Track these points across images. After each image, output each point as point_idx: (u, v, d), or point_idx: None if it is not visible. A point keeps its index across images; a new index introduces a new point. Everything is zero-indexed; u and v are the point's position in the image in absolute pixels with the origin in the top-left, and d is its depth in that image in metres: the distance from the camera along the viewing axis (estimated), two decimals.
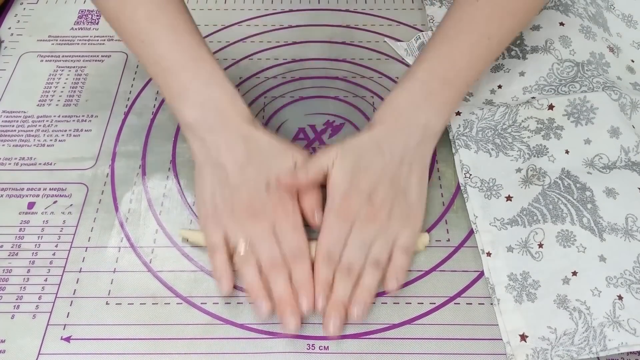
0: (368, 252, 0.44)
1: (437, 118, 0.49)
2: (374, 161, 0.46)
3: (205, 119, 0.47)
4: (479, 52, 0.49)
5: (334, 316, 0.42)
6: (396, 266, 0.44)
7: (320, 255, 0.44)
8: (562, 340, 0.41)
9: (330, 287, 0.43)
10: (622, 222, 0.45)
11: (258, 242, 0.44)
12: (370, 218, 0.44)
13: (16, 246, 0.48)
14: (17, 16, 0.65)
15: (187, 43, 0.48)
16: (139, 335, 0.43)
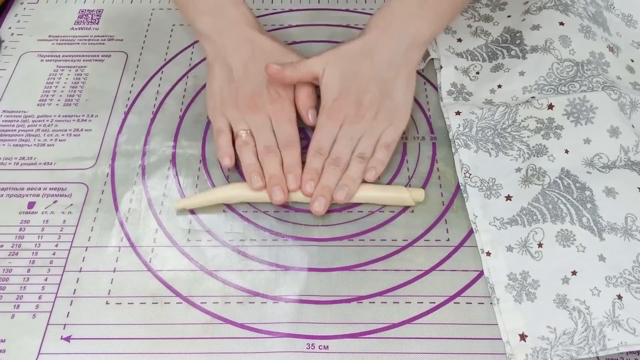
0: (355, 148, 0.50)
1: (427, 27, 0.52)
2: (363, 66, 0.51)
3: (215, 24, 0.54)
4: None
5: (320, 197, 0.48)
6: (376, 159, 0.50)
7: (311, 149, 0.50)
8: (562, 339, 0.41)
9: (318, 175, 0.49)
10: (621, 221, 0.45)
11: (256, 131, 0.51)
12: (357, 117, 0.50)
13: (16, 246, 0.48)
14: (17, 16, 0.65)
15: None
16: (139, 334, 0.43)
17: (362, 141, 0.50)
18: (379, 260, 0.47)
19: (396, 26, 0.51)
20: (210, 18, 0.54)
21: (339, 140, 0.50)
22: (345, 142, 0.49)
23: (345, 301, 0.45)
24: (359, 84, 0.50)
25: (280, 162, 0.49)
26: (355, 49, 0.51)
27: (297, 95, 0.53)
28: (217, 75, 0.53)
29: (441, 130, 0.55)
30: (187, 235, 0.49)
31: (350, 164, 0.49)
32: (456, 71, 0.58)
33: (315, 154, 0.49)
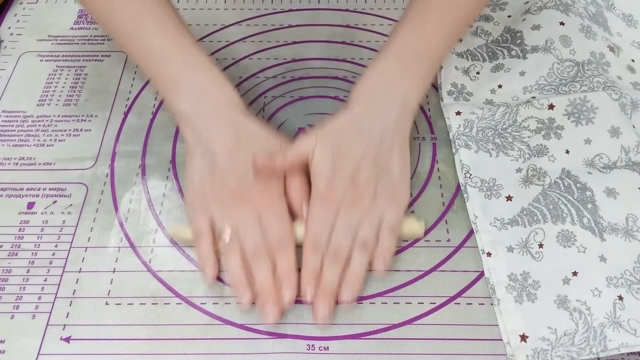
0: (355, 236, 0.45)
1: (413, 91, 0.49)
2: (354, 143, 0.46)
3: (196, 106, 0.48)
4: (449, 23, 0.50)
5: (323, 303, 0.42)
6: (383, 247, 0.45)
7: (307, 245, 0.44)
8: (563, 340, 0.41)
9: (319, 276, 0.43)
10: (622, 222, 0.45)
11: (243, 230, 0.45)
12: (355, 201, 0.45)
13: (16, 246, 0.48)
14: (16, 16, 0.65)
15: (174, 34, 0.50)
16: (138, 335, 0.43)
17: (362, 228, 0.45)
18: None
19: (382, 95, 0.48)
20: (192, 100, 0.48)
21: (337, 230, 0.44)
22: (344, 232, 0.44)
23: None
24: (352, 162, 0.45)
25: (271, 268, 0.43)
26: (342, 125, 0.47)
27: (289, 186, 0.47)
28: (198, 164, 0.47)
29: (441, 130, 0.55)
30: None
31: (353, 256, 0.44)
32: (456, 71, 0.58)
33: (312, 250, 0.44)
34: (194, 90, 0.48)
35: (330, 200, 0.45)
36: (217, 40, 0.63)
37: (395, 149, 0.48)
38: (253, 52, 0.62)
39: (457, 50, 0.59)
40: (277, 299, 0.42)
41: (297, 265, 0.44)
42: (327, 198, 0.45)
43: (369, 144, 0.46)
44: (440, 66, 0.57)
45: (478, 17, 0.62)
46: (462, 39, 0.60)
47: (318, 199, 0.45)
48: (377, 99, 0.48)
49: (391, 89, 0.48)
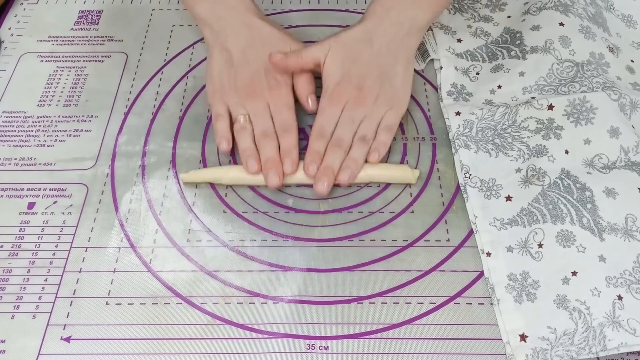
0: (356, 131, 0.51)
1: (424, 12, 0.54)
2: (363, 52, 0.52)
3: (214, 10, 0.55)
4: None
5: (324, 178, 0.49)
6: (379, 141, 0.51)
7: (314, 132, 0.51)
8: (562, 340, 0.41)
9: (321, 157, 0.50)
10: (621, 222, 0.45)
11: (254, 116, 0.52)
12: (358, 101, 0.51)
13: (16, 246, 0.48)
14: (17, 16, 0.65)
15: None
16: (138, 335, 0.43)
17: (363, 124, 0.51)
18: (379, 260, 0.47)
19: (394, 13, 0.53)
20: (209, 4, 0.55)
21: (341, 123, 0.51)
22: (347, 125, 0.51)
23: (345, 301, 0.45)
24: (360, 69, 0.52)
25: (277, 146, 0.50)
26: (355, 36, 0.53)
27: (297, 82, 0.54)
28: (216, 60, 0.54)
29: (441, 130, 0.55)
30: (187, 236, 0.49)
31: (353, 146, 0.50)
32: (456, 72, 0.58)
33: (318, 137, 0.50)
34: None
35: (337, 99, 0.51)
36: None
37: (400, 61, 0.53)
38: None
39: (457, 50, 0.60)
40: (279, 167, 0.49)
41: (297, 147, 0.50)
42: (335, 96, 0.51)
43: (377, 55, 0.52)
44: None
45: (478, 18, 0.62)
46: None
47: (326, 97, 0.52)
48: (389, 16, 0.53)
49: (403, 8, 0.53)
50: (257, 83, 0.52)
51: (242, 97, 0.52)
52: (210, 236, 0.49)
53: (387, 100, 0.52)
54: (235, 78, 0.53)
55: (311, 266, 0.47)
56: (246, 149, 0.50)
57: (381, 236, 0.49)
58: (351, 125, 0.51)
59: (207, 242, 0.48)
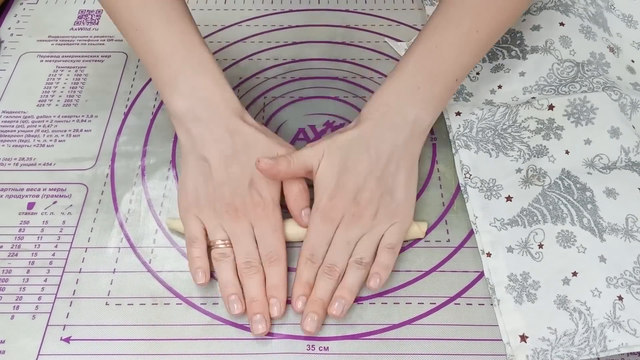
0: (352, 253, 0.45)
1: (425, 113, 0.48)
2: (360, 160, 0.46)
3: (193, 109, 0.46)
4: (467, 45, 0.48)
5: (312, 314, 0.42)
6: (379, 263, 0.45)
7: (303, 256, 0.44)
8: (562, 340, 0.41)
9: (311, 288, 0.44)
10: (622, 222, 0.45)
11: (236, 241, 0.45)
12: (355, 218, 0.45)
13: (16, 246, 0.48)
14: (17, 16, 0.65)
15: (179, 30, 0.48)
16: (138, 335, 0.43)
17: (360, 245, 0.45)
18: None
19: (392, 114, 0.47)
20: (187, 101, 0.47)
21: (335, 244, 0.44)
22: (342, 247, 0.44)
23: None
24: (356, 179, 0.45)
25: (262, 281, 0.44)
26: (351, 140, 0.46)
27: (288, 193, 0.47)
28: (192, 170, 0.47)
29: (441, 130, 0.55)
30: None
31: (347, 272, 0.44)
32: None
33: (307, 262, 0.44)
34: (191, 92, 0.47)
35: (330, 215, 0.45)
36: (217, 40, 0.63)
37: (401, 170, 0.47)
38: (253, 53, 0.62)
39: None
40: (266, 314, 0.43)
41: (287, 278, 0.45)
42: (328, 213, 0.45)
43: (376, 163, 0.46)
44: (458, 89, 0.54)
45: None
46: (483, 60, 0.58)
47: (318, 212, 0.45)
48: (387, 118, 0.47)
49: (403, 109, 0.47)
50: (239, 201, 0.45)
51: (222, 218, 0.45)
52: None
53: (388, 216, 0.45)
54: (213, 194, 0.45)
55: None
56: (228, 285, 0.44)
57: None
58: (346, 247, 0.44)
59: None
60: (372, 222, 0.45)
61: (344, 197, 0.45)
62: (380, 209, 0.45)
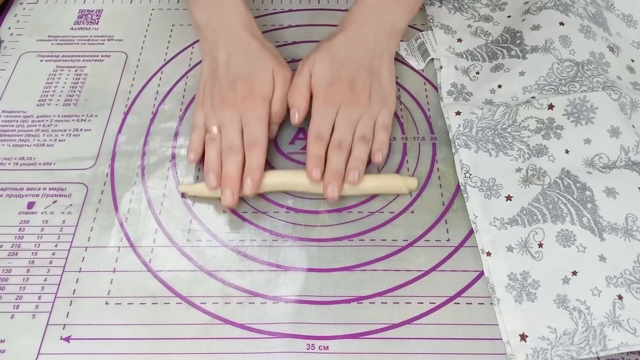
0: (355, 130, 0.51)
1: (401, 17, 0.56)
2: (350, 56, 0.53)
3: (210, 20, 0.55)
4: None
5: (333, 182, 0.48)
6: (379, 141, 0.51)
7: (312, 135, 0.50)
8: (562, 340, 0.41)
9: (322, 161, 0.49)
10: (622, 221, 0.45)
11: (224, 128, 0.51)
12: (353, 101, 0.51)
13: (16, 246, 0.48)
14: (17, 16, 0.65)
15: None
16: (138, 335, 0.43)
17: (361, 123, 0.51)
18: (379, 260, 0.47)
19: (374, 18, 0.55)
20: (206, 14, 0.55)
21: (339, 124, 0.51)
22: (346, 126, 0.51)
23: (345, 301, 0.45)
24: (349, 71, 0.52)
25: (240, 162, 0.49)
26: (340, 42, 0.54)
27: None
28: (205, 69, 0.55)
29: (441, 130, 0.55)
30: (187, 236, 0.49)
31: (355, 146, 0.50)
32: (456, 71, 0.58)
33: (316, 141, 0.50)
34: (209, 5, 0.55)
35: (331, 100, 0.51)
36: None
37: (384, 62, 0.55)
38: None
39: (457, 50, 0.60)
40: (237, 186, 0.48)
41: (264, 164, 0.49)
42: (329, 98, 0.51)
43: (364, 56, 0.53)
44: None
45: (478, 17, 0.62)
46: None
47: (320, 99, 0.51)
48: (369, 22, 0.55)
49: (383, 13, 0.55)
50: (230, 92, 0.51)
51: (216, 107, 0.52)
52: (210, 236, 0.49)
53: (380, 100, 0.53)
54: (213, 88, 0.53)
55: (311, 266, 0.47)
56: (209, 162, 0.49)
57: (381, 236, 0.49)
58: (349, 125, 0.51)
59: (207, 242, 0.48)
60: (368, 105, 0.52)
61: (340, 85, 0.52)
62: (373, 94, 0.52)
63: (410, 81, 0.59)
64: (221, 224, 0.49)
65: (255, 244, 0.48)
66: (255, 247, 0.48)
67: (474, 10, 0.63)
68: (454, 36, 0.61)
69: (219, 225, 0.49)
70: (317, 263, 0.47)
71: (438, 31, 0.61)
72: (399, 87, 0.58)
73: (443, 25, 0.62)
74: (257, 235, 0.49)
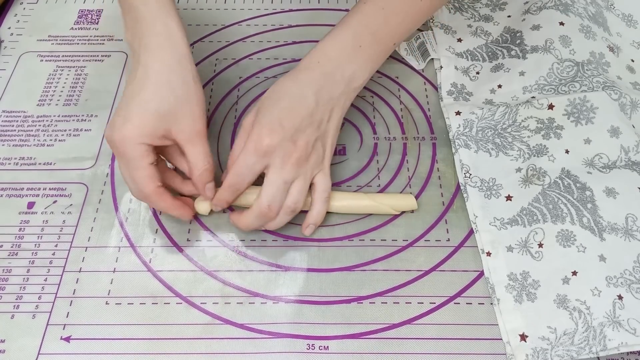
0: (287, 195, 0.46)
1: (362, 71, 0.49)
2: (299, 104, 0.46)
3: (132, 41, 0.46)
4: (411, 12, 0.50)
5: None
6: (319, 213, 0.48)
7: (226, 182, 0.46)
8: (562, 340, 0.41)
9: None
10: (622, 221, 0.45)
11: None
12: (288, 157, 0.45)
13: (16, 246, 0.48)
14: (17, 16, 0.65)
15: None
16: (138, 335, 0.43)
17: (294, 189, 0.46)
18: (379, 260, 0.47)
19: (332, 69, 0.48)
20: (130, 34, 0.47)
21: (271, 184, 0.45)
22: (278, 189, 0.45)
23: (345, 301, 0.45)
24: (295, 121, 0.46)
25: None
26: (289, 86, 0.47)
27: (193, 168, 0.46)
28: None
29: (441, 130, 0.55)
30: (187, 236, 0.49)
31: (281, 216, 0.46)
32: (456, 71, 0.58)
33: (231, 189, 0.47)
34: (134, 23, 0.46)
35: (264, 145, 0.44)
36: (217, 40, 0.63)
37: (333, 120, 0.48)
38: (253, 52, 0.62)
39: (457, 50, 0.60)
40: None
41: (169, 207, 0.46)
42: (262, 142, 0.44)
43: (314, 109, 0.47)
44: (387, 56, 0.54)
45: (478, 17, 0.62)
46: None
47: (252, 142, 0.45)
48: (326, 70, 0.48)
49: (342, 64, 0.48)
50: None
51: None
52: (210, 236, 0.49)
53: (318, 161, 0.47)
54: None
55: (311, 266, 0.47)
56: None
57: (381, 236, 0.49)
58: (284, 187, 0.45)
59: (207, 242, 0.48)
60: (305, 165, 0.46)
61: (281, 133, 0.45)
62: (313, 154, 0.47)
63: (410, 81, 0.59)
64: (221, 224, 0.49)
65: (255, 244, 0.48)
66: (255, 247, 0.48)
67: (474, 10, 0.63)
68: (454, 36, 0.61)
69: (219, 226, 0.49)
70: (317, 263, 0.47)
71: (438, 31, 0.61)
72: (399, 87, 0.58)
73: (443, 25, 0.62)
74: (257, 235, 0.49)
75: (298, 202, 0.46)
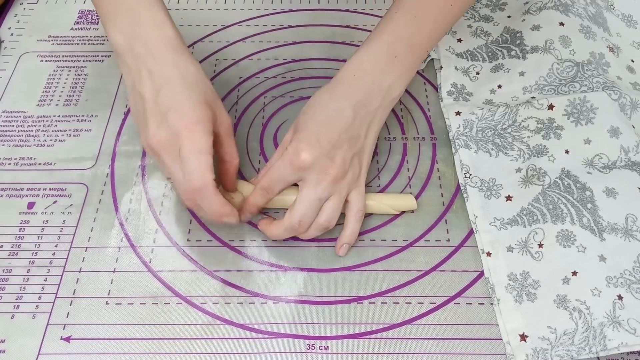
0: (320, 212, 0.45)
1: (399, 82, 0.48)
2: (337, 118, 0.45)
3: (131, 46, 0.45)
4: (443, 17, 0.49)
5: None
6: (353, 232, 0.47)
7: (259, 187, 0.47)
8: (562, 340, 0.41)
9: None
10: (622, 222, 0.45)
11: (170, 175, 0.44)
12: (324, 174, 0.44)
13: (16, 246, 0.48)
14: (17, 16, 0.65)
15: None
16: (138, 335, 0.43)
17: (329, 207, 0.45)
18: (379, 260, 0.47)
19: (368, 82, 0.47)
20: (125, 38, 0.46)
21: (304, 201, 0.45)
22: (312, 205, 0.45)
23: (345, 301, 0.45)
24: (332, 136, 0.45)
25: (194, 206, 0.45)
26: (327, 101, 0.47)
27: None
28: (132, 103, 0.47)
29: (441, 130, 0.55)
30: (187, 236, 0.49)
31: (312, 230, 0.46)
32: (456, 71, 0.58)
33: (264, 193, 0.47)
34: (129, 27, 0.45)
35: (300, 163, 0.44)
36: (217, 40, 0.63)
37: (371, 135, 0.48)
38: (253, 52, 0.62)
39: (457, 50, 0.60)
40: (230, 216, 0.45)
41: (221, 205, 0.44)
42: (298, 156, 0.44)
43: (352, 124, 0.46)
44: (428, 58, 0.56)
45: (478, 17, 0.62)
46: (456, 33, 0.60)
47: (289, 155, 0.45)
48: (363, 83, 0.47)
49: (379, 77, 0.47)
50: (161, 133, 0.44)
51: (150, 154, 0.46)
52: (210, 236, 0.49)
53: (354, 179, 0.47)
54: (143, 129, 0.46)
55: (311, 266, 0.47)
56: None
57: (381, 236, 0.49)
58: (317, 204, 0.45)
59: (207, 242, 0.48)
60: (342, 183, 0.45)
61: (318, 149, 0.44)
62: (350, 171, 0.46)
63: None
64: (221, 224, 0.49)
65: (255, 243, 0.48)
66: (255, 247, 0.48)
67: (474, 10, 0.63)
68: (454, 36, 0.61)
69: (219, 225, 0.49)
70: (317, 263, 0.47)
71: None
72: None
73: None
74: (257, 235, 0.49)
75: (331, 221, 0.46)
